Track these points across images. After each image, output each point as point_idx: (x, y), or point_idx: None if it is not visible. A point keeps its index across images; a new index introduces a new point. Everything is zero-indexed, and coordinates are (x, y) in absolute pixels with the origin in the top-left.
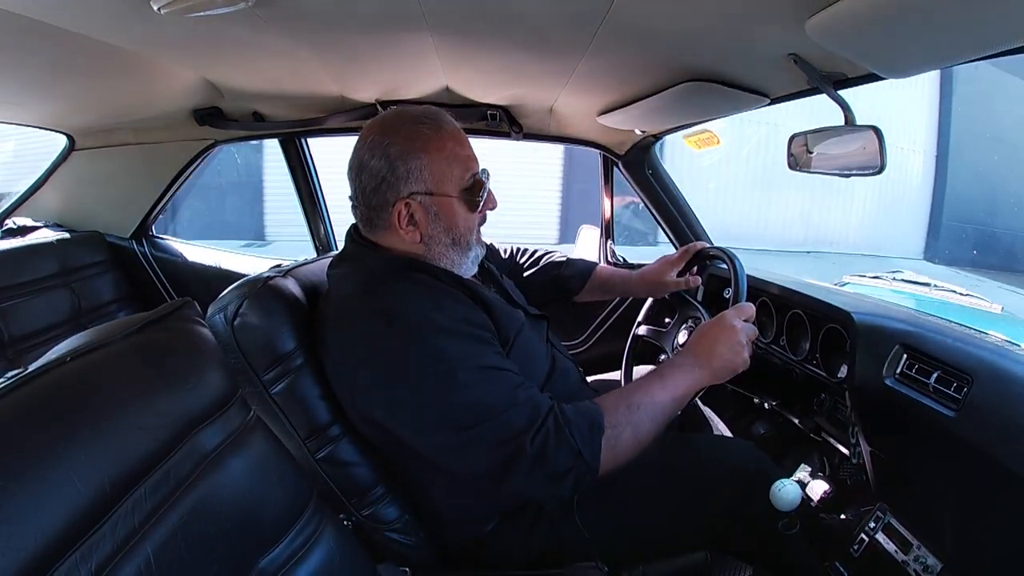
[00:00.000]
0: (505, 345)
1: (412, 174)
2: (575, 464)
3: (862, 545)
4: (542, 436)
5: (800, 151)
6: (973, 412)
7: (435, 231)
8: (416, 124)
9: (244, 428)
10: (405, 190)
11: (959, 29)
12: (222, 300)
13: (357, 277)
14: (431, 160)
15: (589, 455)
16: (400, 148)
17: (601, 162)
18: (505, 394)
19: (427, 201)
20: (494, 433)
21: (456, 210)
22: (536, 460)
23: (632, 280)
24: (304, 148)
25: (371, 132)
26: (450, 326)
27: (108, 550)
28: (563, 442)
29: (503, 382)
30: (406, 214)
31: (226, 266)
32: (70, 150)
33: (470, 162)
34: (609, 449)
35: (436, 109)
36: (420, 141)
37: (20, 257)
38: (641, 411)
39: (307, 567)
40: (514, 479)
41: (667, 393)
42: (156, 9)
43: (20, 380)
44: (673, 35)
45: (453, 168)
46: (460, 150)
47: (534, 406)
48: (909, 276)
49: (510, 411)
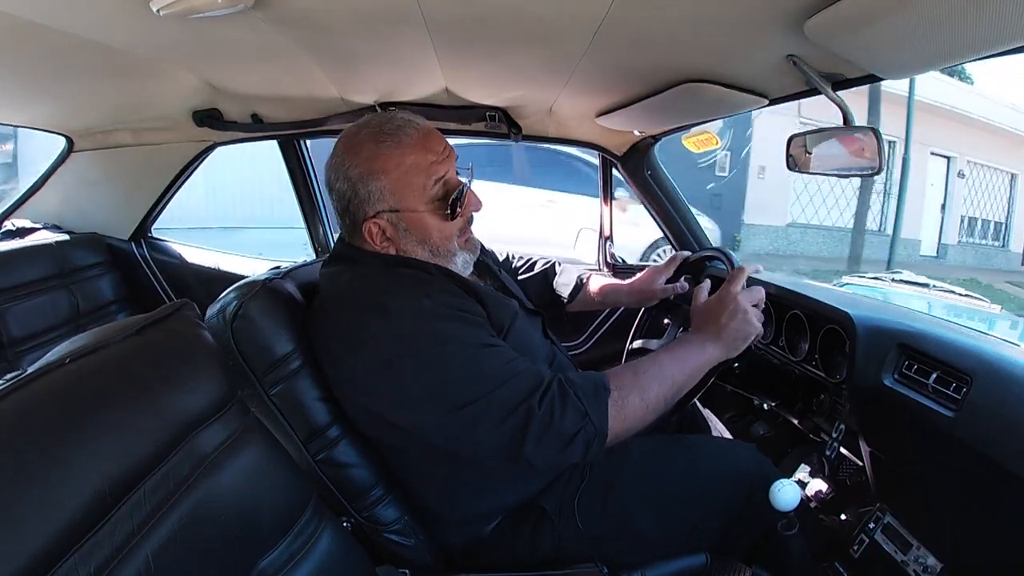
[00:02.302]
0: (500, 333)
1: (373, 196)
2: (582, 425)
3: (862, 545)
4: (548, 399)
5: (799, 152)
6: (972, 412)
7: (408, 245)
8: (375, 143)
9: (243, 430)
10: (371, 210)
11: (957, 29)
12: (221, 302)
13: (348, 275)
14: (390, 179)
15: (596, 416)
16: (359, 171)
17: (600, 163)
18: (505, 365)
19: (394, 218)
20: (501, 403)
21: (427, 222)
22: (545, 424)
23: (622, 290)
24: (303, 150)
25: (336, 151)
26: (442, 311)
27: (107, 552)
28: (569, 404)
29: (501, 355)
30: (377, 231)
31: (225, 268)
32: (69, 151)
33: (435, 167)
34: (616, 410)
35: (402, 118)
36: (379, 162)
37: (19, 259)
38: (647, 376)
39: (306, 569)
40: (527, 448)
41: (675, 363)
42: (155, 11)
43: (19, 382)
44: (672, 36)
45: (415, 181)
46: (423, 159)
47: (535, 373)
48: (908, 276)
49: (513, 379)
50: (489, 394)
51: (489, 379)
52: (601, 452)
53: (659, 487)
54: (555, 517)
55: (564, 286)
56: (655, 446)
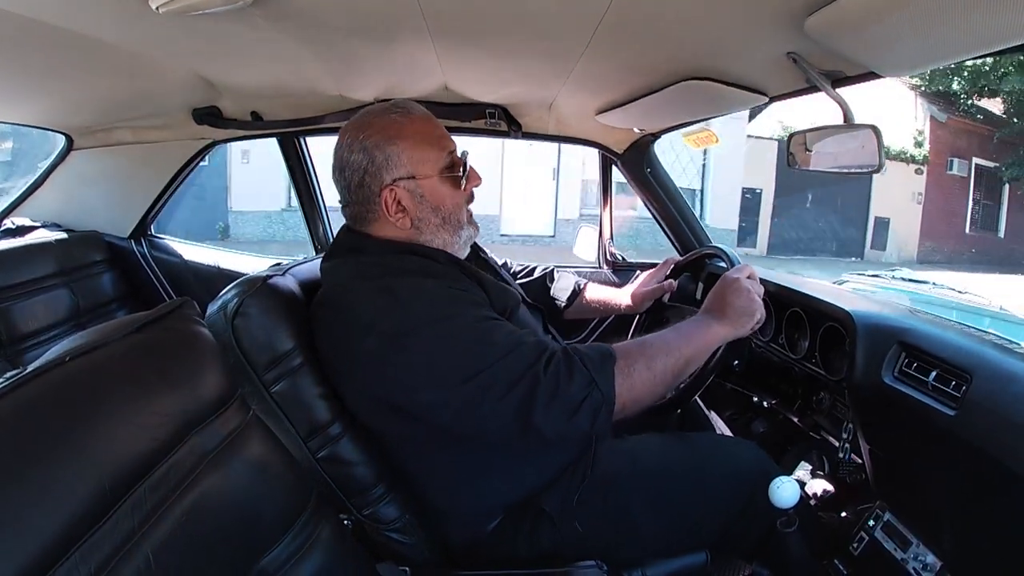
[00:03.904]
0: (503, 316)
1: (391, 161)
2: (589, 392)
3: (861, 543)
4: (554, 365)
5: (799, 149)
6: (972, 410)
7: (424, 213)
8: (386, 115)
9: (243, 428)
10: (388, 177)
11: (957, 27)
12: (221, 299)
13: (349, 266)
14: (407, 145)
15: (603, 382)
16: (375, 139)
17: (600, 161)
18: (508, 336)
19: (411, 185)
20: (507, 372)
21: (440, 189)
22: (552, 391)
23: (618, 296)
24: (303, 147)
25: (346, 132)
26: (446, 292)
27: (107, 550)
28: (575, 370)
29: (504, 328)
30: (393, 201)
31: (225, 265)
32: (68, 149)
33: (444, 141)
34: (623, 378)
35: (404, 100)
36: (393, 129)
37: (18, 257)
38: (654, 348)
39: (307, 567)
40: (535, 416)
41: (681, 338)
42: (155, 8)
43: (19, 380)
44: (672, 33)
45: (429, 150)
46: (433, 131)
47: (539, 342)
48: (908, 274)
49: (517, 348)
50: (495, 363)
51: (494, 350)
52: (609, 422)
53: (659, 485)
54: (555, 515)
55: (561, 292)
56: (655, 444)
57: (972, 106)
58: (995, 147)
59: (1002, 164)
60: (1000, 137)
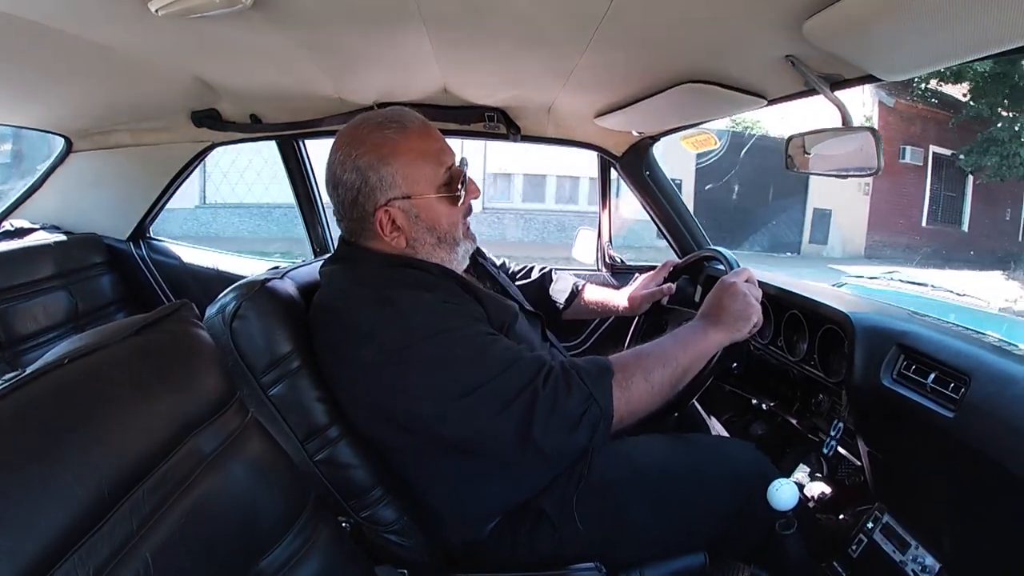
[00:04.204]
0: (500, 332)
1: (385, 181)
2: (587, 407)
3: (860, 545)
4: (552, 381)
5: (797, 152)
6: (971, 412)
7: (419, 232)
8: (380, 130)
9: (242, 430)
10: (382, 198)
11: (955, 30)
12: (219, 302)
13: (349, 274)
14: (401, 163)
15: (600, 397)
16: (368, 159)
17: (599, 164)
18: (507, 352)
19: (406, 205)
20: (505, 387)
21: (437, 208)
22: (550, 406)
23: (616, 298)
24: (302, 150)
25: (339, 146)
26: (444, 306)
27: (106, 553)
28: (573, 385)
29: (502, 344)
30: (387, 221)
31: (223, 268)
32: (67, 152)
33: (442, 155)
34: (621, 392)
35: (400, 109)
36: (387, 147)
37: (17, 259)
38: (651, 359)
39: (305, 569)
40: (535, 432)
41: (678, 346)
42: (154, 11)
43: (18, 382)
44: (671, 36)
45: (425, 166)
46: (429, 146)
47: (537, 358)
48: (906, 276)
49: (516, 364)
50: (493, 379)
51: (492, 366)
52: (608, 436)
53: (658, 486)
54: (554, 517)
55: (559, 293)
56: (654, 445)
57: (927, 90)
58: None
59: (959, 152)
60: (956, 122)
